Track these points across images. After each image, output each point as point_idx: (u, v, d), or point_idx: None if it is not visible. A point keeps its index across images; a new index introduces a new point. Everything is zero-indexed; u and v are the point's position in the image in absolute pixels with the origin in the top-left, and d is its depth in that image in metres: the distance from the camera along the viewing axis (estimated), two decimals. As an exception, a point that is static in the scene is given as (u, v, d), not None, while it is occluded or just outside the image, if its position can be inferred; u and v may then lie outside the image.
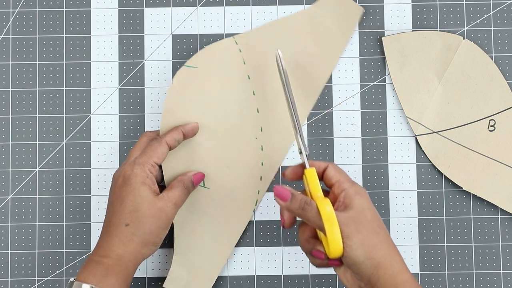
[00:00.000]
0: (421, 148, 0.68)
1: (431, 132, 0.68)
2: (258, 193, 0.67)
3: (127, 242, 0.58)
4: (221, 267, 0.66)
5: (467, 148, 0.68)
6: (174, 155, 0.64)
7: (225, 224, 0.66)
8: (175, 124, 0.64)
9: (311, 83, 0.68)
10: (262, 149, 0.66)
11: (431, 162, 0.68)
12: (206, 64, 0.65)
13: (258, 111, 0.66)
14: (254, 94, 0.66)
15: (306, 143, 0.64)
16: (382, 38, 0.69)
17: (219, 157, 0.66)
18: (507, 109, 0.68)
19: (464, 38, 0.69)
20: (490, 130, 0.68)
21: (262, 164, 0.66)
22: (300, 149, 0.60)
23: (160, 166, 0.63)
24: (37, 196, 0.68)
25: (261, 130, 0.66)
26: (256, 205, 0.67)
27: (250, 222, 0.68)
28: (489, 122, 0.68)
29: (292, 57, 0.67)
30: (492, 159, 0.68)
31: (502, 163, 0.67)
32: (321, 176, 0.59)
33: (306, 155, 0.59)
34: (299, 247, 0.68)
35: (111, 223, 0.59)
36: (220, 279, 0.67)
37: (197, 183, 0.63)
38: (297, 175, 0.60)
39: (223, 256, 0.66)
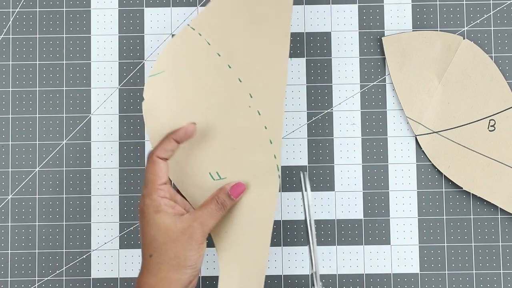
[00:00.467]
0: (421, 148, 0.68)
1: (431, 132, 0.68)
2: (275, 157, 0.62)
3: (156, 272, 0.56)
4: (267, 256, 0.61)
5: (467, 148, 0.68)
6: (176, 164, 0.62)
7: (257, 206, 0.61)
8: (163, 133, 0.61)
9: (275, 37, 0.63)
10: (259, 114, 0.62)
11: (431, 162, 0.68)
12: (172, 63, 0.63)
13: (240, 80, 0.63)
14: (230, 67, 0.63)
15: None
16: (382, 38, 0.69)
17: (223, 144, 0.62)
18: (507, 109, 0.68)
19: (464, 38, 0.69)
20: (490, 130, 0.68)
21: (265, 128, 0.62)
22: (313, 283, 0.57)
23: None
24: (37, 196, 0.68)
25: (251, 96, 0.63)
26: (279, 170, 0.60)
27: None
28: (489, 122, 0.68)
29: (248, 22, 0.63)
30: (492, 159, 0.68)
31: (502, 163, 0.68)
32: None
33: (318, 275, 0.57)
34: (299, 247, 0.68)
35: (142, 257, 0.57)
36: (220, 279, 0.67)
37: (236, 195, 0.59)
38: None
39: (266, 243, 0.61)
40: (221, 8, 0.64)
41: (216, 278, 0.66)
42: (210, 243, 0.60)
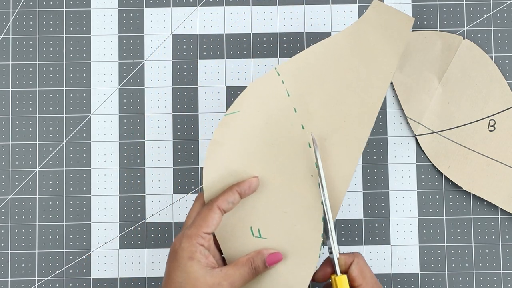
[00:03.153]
0: (421, 148, 0.68)
1: (431, 132, 0.68)
2: (322, 236, 0.58)
3: None
4: None
5: (467, 148, 0.68)
6: None
7: (289, 278, 0.58)
8: (218, 179, 0.59)
9: (364, 109, 0.61)
10: (319, 187, 0.59)
11: (431, 162, 0.68)
12: (248, 104, 0.60)
13: (309, 146, 0.60)
14: (303, 128, 0.60)
15: (334, 227, 0.59)
16: None
17: (273, 202, 0.59)
18: (507, 109, 0.68)
19: (464, 38, 0.69)
20: (490, 130, 0.68)
21: (322, 203, 0.59)
22: (330, 251, 0.57)
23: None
24: (37, 196, 0.68)
25: (316, 166, 0.59)
26: (321, 250, 0.58)
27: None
28: (489, 122, 0.68)
29: (340, 83, 0.61)
30: (492, 159, 0.68)
31: (502, 163, 0.68)
32: (346, 271, 0.57)
33: (337, 259, 0.57)
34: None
35: None
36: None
37: (271, 263, 0.56)
38: (327, 276, 0.58)
39: None
40: (312, 61, 0.61)
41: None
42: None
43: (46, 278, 0.68)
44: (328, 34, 0.70)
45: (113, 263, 0.68)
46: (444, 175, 0.68)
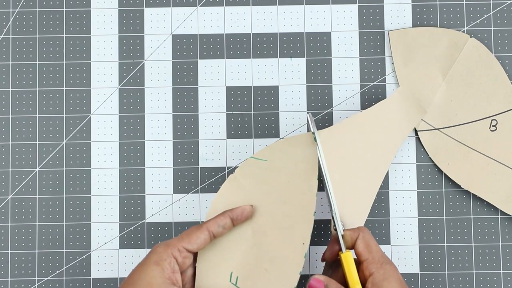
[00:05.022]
0: (422, 144, 0.68)
1: (433, 128, 0.68)
2: None
3: None
4: None
5: (467, 146, 0.68)
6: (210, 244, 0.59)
7: None
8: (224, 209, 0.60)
9: (367, 184, 0.63)
10: (305, 256, 0.59)
11: (431, 161, 0.68)
12: (276, 157, 0.61)
13: (314, 214, 0.60)
14: (316, 196, 0.60)
15: (339, 216, 0.58)
16: (389, 32, 0.69)
17: (259, 257, 0.59)
18: (509, 109, 0.68)
19: (471, 37, 0.69)
20: (491, 130, 0.68)
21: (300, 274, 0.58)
22: (335, 228, 0.57)
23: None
24: (37, 196, 0.69)
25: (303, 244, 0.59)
26: None
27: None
28: (491, 122, 0.68)
29: (357, 153, 0.63)
30: (492, 158, 0.68)
31: (501, 163, 0.67)
32: (352, 246, 0.57)
33: (342, 236, 0.57)
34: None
35: None
36: (220, 279, 0.67)
37: None
38: (335, 254, 0.58)
39: None
40: (346, 133, 0.63)
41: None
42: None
43: (46, 278, 0.68)
44: (328, 34, 0.70)
45: (113, 263, 0.68)
46: (444, 175, 0.68)
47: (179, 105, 0.70)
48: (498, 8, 0.70)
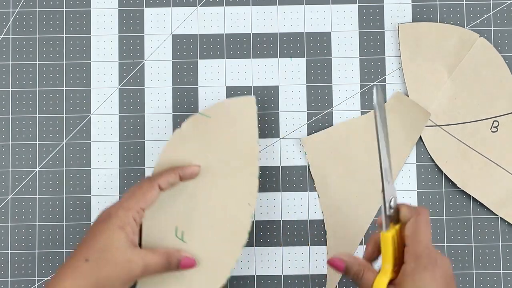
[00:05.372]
0: (422, 140, 0.68)
1: (434, 125, 0.68)
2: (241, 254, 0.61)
3: (79, 278, 0.53)
4: None
5: (467, 145, 0.68)
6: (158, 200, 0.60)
7: (194, 285, 0.60)
8: (170, 165, 0.61)
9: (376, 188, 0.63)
10: (251, 217, 0.61)
11: (431, 161, 0.68)
12: (221, 114, 0.63)
13: (259, 178, 0.62)
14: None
15: (388, 199, 0.54)
16: (399, 24, 0.69)
17: (206, 213, 0.61)
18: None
19: (480, 36, 0.69)
20: (492, 131, 0.68)
21: (248, 233, 0.61)
22: (385, 204, 0.53)
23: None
24: (37, 196, 0.69)
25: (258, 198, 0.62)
26: (230, 273, 0.60)
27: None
28: (493, 123, 0.68)
29: (355, 158, 0.64)
30: (490, 160, 0.68)
31: (499, 165, 0.67)
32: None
33: (386, 215, 0.53)
34: (299, 247, 0.68)
35: (73, 255, 0.55)
36: (220, 279, 0.67)
37: (184, 266, 0.58)
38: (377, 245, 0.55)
39: None
40: (334, 137, 0.65)
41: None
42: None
43: (46, 278, 0.68)
44: (328, 34, 0.70)
45: (113, 263, 0.68)
46: (444, 175, 0.68)
47: (179, 105, 0.70)
48: (498, 8, 0.70)
